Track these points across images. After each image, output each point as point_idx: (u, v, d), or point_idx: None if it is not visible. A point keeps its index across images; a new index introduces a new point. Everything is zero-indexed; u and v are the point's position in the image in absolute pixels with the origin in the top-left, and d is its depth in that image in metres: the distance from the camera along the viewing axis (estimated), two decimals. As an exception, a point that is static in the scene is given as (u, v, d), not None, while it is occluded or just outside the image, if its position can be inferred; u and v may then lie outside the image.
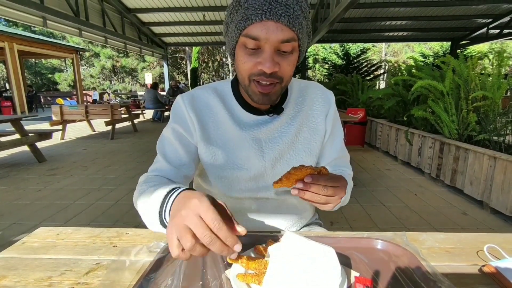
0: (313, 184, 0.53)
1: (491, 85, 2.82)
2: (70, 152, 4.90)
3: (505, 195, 2.31)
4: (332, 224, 2.29)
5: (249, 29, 0.58)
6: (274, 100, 0.67)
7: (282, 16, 0.57)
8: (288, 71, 0.63)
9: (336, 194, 0.56)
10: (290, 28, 0.58)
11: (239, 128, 0.73)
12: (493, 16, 9.02)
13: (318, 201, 0.56)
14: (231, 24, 0.63)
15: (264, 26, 0.57)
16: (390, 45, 26.84)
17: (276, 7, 0.56)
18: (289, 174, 0.54)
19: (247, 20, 0.58)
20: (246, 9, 0.58)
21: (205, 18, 9.31)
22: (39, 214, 2.49)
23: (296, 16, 0.58)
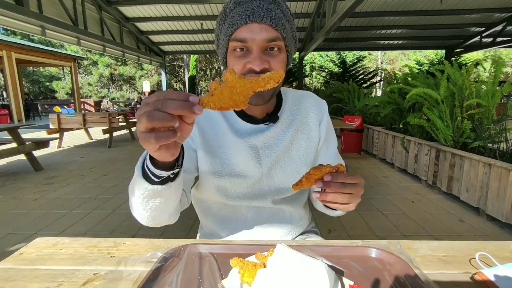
0: (332, 182, 0.54)
1: (485, 93, 2.87)
2: (67, 161, 4.88)
3: (500, 202, 2.32)
4: (330, 232, 2.29)
5: (236, 33, 0.63)
6: (267, 99, 0.68)
7: (265, 17, 0.62)
8: (278, 68, 0.65)
9: (356, 192, 0.57)
10: (273, 27, 0.62)
11: (236, 136, 0.75)
12: (486, 25, 9.20)
13: (341, 201, 0.56)
14: (220, 34, 0.68)
15: (249, 28, 0.62)
16: (386, 53, 27.18)
17: (258, 11, 0.62)
18: (308, 174, 0.55)
19: (234, 26, 0.63)
20: (232, 17, 0.64)
21: (202, 27, 9.41)
22: (35, 223, 2.47)
23: (279, 17, 0.63)
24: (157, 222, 0.66)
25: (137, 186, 0.55)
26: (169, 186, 0.55)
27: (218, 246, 0.63)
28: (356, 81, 12.24)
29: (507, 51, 22.74)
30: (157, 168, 0.51)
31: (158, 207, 0.59)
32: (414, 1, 7.57)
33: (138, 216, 0.64)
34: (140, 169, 0.54)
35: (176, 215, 0.70)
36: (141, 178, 0.53)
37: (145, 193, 0.55)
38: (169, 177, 0.54)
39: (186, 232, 2.31)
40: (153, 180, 0.53)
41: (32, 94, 20.17)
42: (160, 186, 0.53)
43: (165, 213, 0.63)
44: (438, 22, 9.10)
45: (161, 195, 0.56)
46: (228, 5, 0.66)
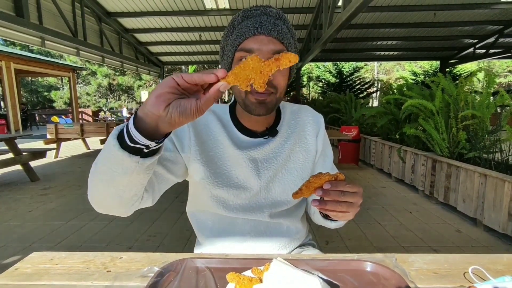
0: (332, 191, 0.55)
1: (479, 104, 2.91)
2: (63, 171, 4.85)
3: (497, 212, 2.33)
4: (327, 243, 2.29)
5: (244, 44, 0.66)
6: (270, 109, 0.70)
7: (272, 31, 0.65)
8: (281, 81, 0.68)
9: (355, 200, 0.57)
10: (280, 41, 0.66)
11: (236, 148, 0.76)
12: (479, 37, 9.40)
13: (340, 209, 0.56)
14: (227, 45, 0.70)
15: (256, 39, 0.65)
16: (382, 64, 27.56)
17: (266, 24, 0.65)
18: (308, 183, 0.56)
19: (242, 37, 0.66)
20: (240, 29, 0.67)
21: (201, 38, 9.54)
22: (30, 236, 2.45)
23: (284, 32, 0.67)
24: (106, 205, 0.60)
25: (105, 147, 0.51)
26: (136, 160, 0.49)
27: (214, 260, 0.63)
28: (353, 91, 12.39)
29: (500, 62, 23.15)
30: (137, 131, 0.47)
31: (114, 182, 0.54)
32: (409, 14, 7.74)
33: (92, 190, 0.59)
34: (119, 129, 0.50)
35: (130, 206, 0.62)
36: (114, 137, 0.49)
37: (109, 155, 0.50)
38: (142, 150, 0.49)
39: (183, 244, 2.29)
40: (126, 144, 0.48)
41: (30, 104, 20.15)
42: (127, 153, 0.48)
43: (118, 194, 0.57)
44: (432, 34, 9.30)
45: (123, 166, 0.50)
46: (237, 18, 0.70)
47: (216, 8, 7.38)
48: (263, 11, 0.69)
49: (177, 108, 0.43)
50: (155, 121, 0.45)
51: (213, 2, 7.04)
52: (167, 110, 0.43)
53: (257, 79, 0.45)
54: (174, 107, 0.43)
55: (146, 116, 0.45)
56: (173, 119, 0.44)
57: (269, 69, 0.45)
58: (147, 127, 0.46)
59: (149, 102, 0.44)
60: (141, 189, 0.60)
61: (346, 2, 4.46)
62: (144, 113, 0.45)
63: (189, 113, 0.43)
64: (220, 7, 7.30)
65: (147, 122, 0.46)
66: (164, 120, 0.44)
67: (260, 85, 0.45)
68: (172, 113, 0.43)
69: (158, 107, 0.43)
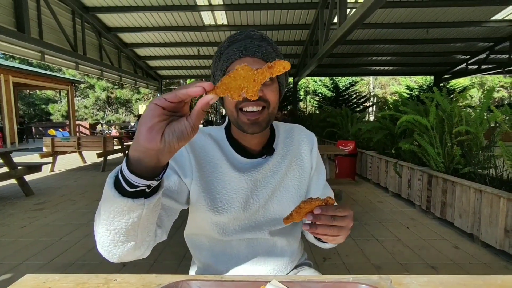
0: (322, 215, 0.55)
1: (473, 120, 2.95)
2: (59, 185, 4.81)
3: (493, 228, 2.33)
4: (324, 260, 2.26)
5: (231, 67, 0.69)
6: (263, 127, 0.71)
7: (256, 52, 0.69)
8: (272, 97, 0.70)
9: (345, 224, 0.58)
10: (265, 60, 0.69)
11: (236, 171, 0.76)
12: (471, 53, 9.64)
13: (331, 233, 0.57)
14: (216, 71, 0.74)
15: (242, 61, 0.68)
16: (377, 78, 27.99)
17: (250, 47, 0.69)
18: (299, 208, 0.56)
19: (228, 60, 0.69)
20: (227, 54, 0.70)
21: (199, 53, 9.68)
22: (22, 252, 2.40)
23: (269, 52, 0.70)
24: (119, 253, 0.55)
25: (105, 198, 0.48)
26: (141, 202, 0.47)
27: (210, 283, 0.62)
28: (349, 105, 12.52)
29: (492, 77, 23.62)
30: (134, 174, 0.45)
31: (123, 230, 0.50)
32: (402, 31, 7.94)
33: (100, 241, 0.55)
34: (113, 177, 0.48)
35: (145, 249, 0.60)
36: (111, 187, 0.46)
37: (112, 206, 0.47)
38: (144, 191, 0.47)
39: (178, 261, 2.25)
40: (125, 190, 0.46)
41: (27, 117, 20.13)
42: (130, 199, 0.46)
43: (131, 241, 0.53)
44: (426, 50, 9.52)
45: (129, 212, 0.48)
46: (223, 44, 0.73)
47: (215, 24, 7.53)
48: (247, 35, 0.72)
49: (173, 135, 0.41)
50: (154, 156, 0.43)
51: (211, 18, 7.20)
52: (163, 140, 0.41)
53: (250, 87, 0.43)
54: (169, 135, 0.41)
55: (143, 154, 0.43)
56: (173, 147, 0.42)
57: (262, 77, 0.43)
58: (147, 165, 0.44)
59: (142, 139, 0.41)
60: (152, 229, 0.58)
61: (341, 19, 4.58)
62: (140, 152, 0.43)
63: (186, 134, 0.42)
64: (218, 23, 7.46)
65: (145, 160, 0.43)
66: (164, 151, 0.42)
67: (254, 94, 0.43)
68: (171, 142, 0.41)
69: (155, 141, 0.41)
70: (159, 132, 0.41)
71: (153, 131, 0.40)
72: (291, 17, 7.26)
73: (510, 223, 2.20)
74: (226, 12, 6.87)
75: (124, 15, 7.00)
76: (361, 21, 3.88)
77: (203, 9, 6.56)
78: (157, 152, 0.42)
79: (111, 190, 0.46)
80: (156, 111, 0.40)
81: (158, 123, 0.40)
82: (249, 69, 0.42)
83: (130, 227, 0.51)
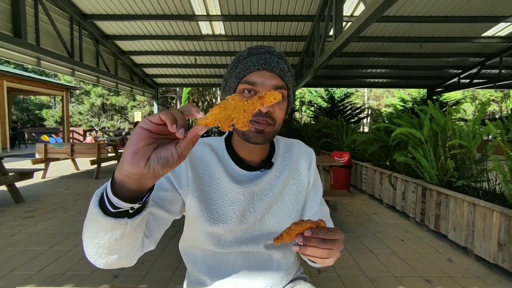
0: (313, 238, 0.56)
1: (466, 134, 2.99)
2: (50, 192, 4.72)
3: (487, 242, 2.34)
4: (319, 273, 2.24)
5: (248, 77, 0.70)
6: (268, 139, 0.72)
7: (275, 68, 0.71)
8: (279, 115, 0.72)
9: (336, 247, 0.58)
10: (281, 77, 0.71)
11: (234, 182, 0.77)
12: (463, 68, 9.86)
13: (320, 255, 0.57)
14: (230, 77, 0.74)
15: (260, 74, 0.70)
16: (372, 90, 28.40)
17: (269, 62, 0.71)
18: (289, 229, 0.56)
19: (247, 70, 0.71)
20: (245, 64, 0.71)
21: (196, 62, 9.73)
22: (11, 262, 2.34)
23: (285, 70, 0.73)
24: (104, 263, 0.56)
25: (89, 215, 0.49)
26: (124, 222, 0.47)
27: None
28: (344, 116, 12.63)
29: (483, 92, 24.14)
30: (116, 197, 0.44)
31: (106, 245, 0.51)
32: (396, 45, 8.11)
33: (86, 250, 0.55)
34: (99, 194, 0.47)
35: (131, 259, 0.60)
36: (96, 204, 0.46)
37: (94, 223, 0.48)
38: (128, 211, 0.47)
39: (171, 272, 2.21)
40: (108, 210, 0.46)
41: (20, 122, 19.90)
42: (113, 219, 0.46)
43: (114, 254, 0.54)
44: (419, 64, 9.72)
45: (112, 230, 0.48)
46: (243, 53, 0.75)
47: (212, 34, 7.61)
48: (267, 50, 0.74)
49: (158, 161, 0.40)
50: (137, 181, 0.42)
51: (209, 28, 7.27)
52: (148, 166, 0.40)
53: (240, 118, 0.43)
54: (154, 161, 0.40)
55: (127, 177, 0.42)
56: (157, 173, 0.41)
57: (253, 107, 0.43)
58: (130, 188, 0.43)
59: (126, 163, 0.40)
60: (138, 242, 0.57)
61: (337, 32, 4.66)
62: (123, 175, 0.42)
63: (172, 162, 0.41)
64: (216, 33, 7.54)
65: (129, 183, 0.43)
66: (147, 176, 0.42)
67: (244, 124, 0.43)
68: (155, 168, 0.41)
69: (138, 166, 0.40)
70: (144, 157, 0.40)
71: (137, 155, 0.40)
72: (287, 29, 7.37)
73: (503, 237, 2.21)
74: (224, 23, 6.95)
75: (122, 23, 7.04)
76: (357, 34, 3.96)
77: (201, 19, 6.63)
78: (140, 176, 0.42)
79: (95, 208, 0.46)
80: (142, 135, 0.40)
81: (144, 147, 0.40)
82: (239, 99, 0.42)
83: (113, 243, 0.51)
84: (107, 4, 6.22)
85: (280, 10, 6.40)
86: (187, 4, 6.17)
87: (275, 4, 6.17)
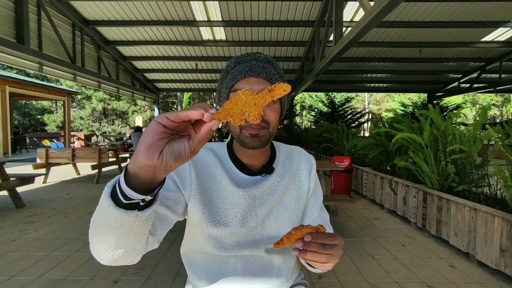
0: (312, 243, 0.57)
1: (467, 139, 2.99)
2: (51, 197, 4.73)
3: (488, 248, 2.33)
4: (320, 278, 2.23)
5: (236, 85, 0.72)
6: (264, 142, 0.73)
7: (261, 73, 0.72)
8: (272, 117, 0.72)
9: (335, 252, 0.59)
10: (268, 81, 0.72)
11: (235, 186, 0.78)
12: (463, 72, 9.88)
13: (320, 260, 0.58)
14: (222, 88, 0.76)
15: (247, 81, 0.71)
16: (372, 95, 28.45)
17: (255, 68, 0.72)
18: (290, 234, 0.57)
19: (234, 79, 0.73)
20: (233, 73, 0.73)
21: (197, 67, 9.79)
22: (11, 267, 2.33)
23: (272, 73, 0.73)
24: (109, 257, 0.57)
25: (101, 206, 0.50)
26: (134, 214, 0.48)
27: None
28: (345, 120, 12.65)
29: (484, 96, 24.15)
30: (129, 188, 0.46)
31: (114, 237, 0.52)
32: (396, 49, 8.15)
33: (93, 245, 0.56)
34: (111, 186, 0.49)
35: (135, 255, 0.61)
36: (108, 196, 0.48)
37: (106, 215, 0.49)
38: (139, 204, 0.48)
39: (171, 278, 2.21)
40: (120, 201, 0.47)
41: (21, 127, 19.96)
42: (124, 210, 0.47)
43: (121, 248, 0.55)
44: (419, 69, 9.75)
45: (122, 222, 0.49)
46: (230, 64, 0.77)
47: (213, 39, 7.66)
48: (252, 57, 0.76)
49: (171, 155, 0.42)
50: (150, 172, 0.44)
51: (210, 34, 7.33)
52: (161, 158, 0.42)
53: (252, 111, 0.44)
54: (167, 154, 0.42)
55: (140, 169, 0.44)
56: (169, 166, 0.43)
57: (263, 100, 0.44)
58: (143, 180, 0.45)
59: (140, 155, 0.42)
60: (144, 238, 0.58)
61: (337, 38, 4.69)
62: (137, 167, 0.44)
63: (184, 156, 0.43)
64: (216, 38, 7.59)
65: (142, 175, 0.44)
66: (160, 168, 0.43)
67: (256, 117, 0.44)
68: (167, 161, 0.42)
69: (152, 158, 0.42)
70: (158, 150, 0.42)
71: (151, 148, 0.41)
72: (288, 34, 7.42)
73: (505, 243, 2.20)
74: (225, 28, 7.01)
75: (124, 28, 7.10)
76: (357, 39, 3.98)
77: (202, 25, 6.69)
78: (153, 168, 0.43)
79: (107, 199, 0.48)
80: (158, 129, 0.41)
81: (158, 140, 0.42)
82: (250, 93, 0.43)
83: (121, 236, 0.52)
84: (109, 10, 6.29)
85: (281, 15, 6.46)
86: (188, 10, 6.23)
87: (276, 10, 6.22)
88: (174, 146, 0.43)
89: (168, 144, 0.43)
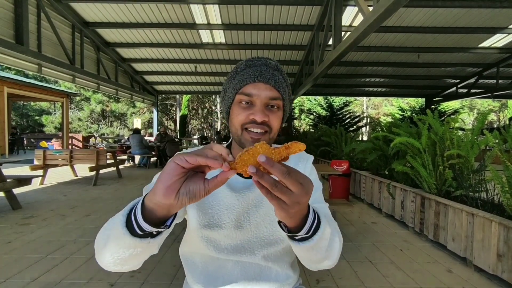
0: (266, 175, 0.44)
1: (465, 144, 3.00)
2: (48, 199, 4.70)
3: (486, 253, 2.33)
4: (318, 282, 2.22)
5: (244, 89, 0.72)
6: None
7: (270, 79, 0.73)
8: (275, 123, 0.73)
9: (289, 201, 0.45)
10: (276, 89, 0.73)
11: (229, 188, 0.79)
12: (461, 78, 9.96)
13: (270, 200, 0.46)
14: (229, 88, 0.77)
15: (256, 86, 0.72)
16: (371, 99, 28.56)
17: (265, 74, 0.73)
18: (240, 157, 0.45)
19: (243, 82, 0.73)
20: (242, 75, 0.74)
21: (196, 70, 9.81)
22: (6, 270, 2.31)
23: (280, 81, 0.75)
24: (118, 269, 0.60)
25: (115, 234, 0.53)
26: (147, 241, 0.52)
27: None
28: (343, 124, 12.69)
29: (481, 101, 24.32)
30: (145, 221, 0.50)
31: (125, 258, 0.56)
32: (395, 54, 8.21)
33: (102, 260, 0.59)
34: (126, 215, 0.52)
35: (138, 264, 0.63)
36: (123, 225, 0.51)
37: (119, 241, 0.52)
38: (152, 233, 0.53)
39: (168, 281, 2.19)
40: (135, 231, 0.51)
41: (19, 128, 19.88)
42: (138, 239, 0.51)
43: (129, 264, 0.59)
44: (417, 73, 9.81)
45: (135, 247, 0.53)
46: (240, 65, 0.78)
47: (213, 42, 7.69)
48: (263, 62, 0.76)
49: (187, 195, 0.46)
50: (166, 209, 0.48)
51: (209, 37, 7.36)
52: (177, 197, 0.45)
53: None
54: (183, 194, 0.46)
55: (157, 206, 0.48)
56: (184, 204, 0.46)
57: (279, 156, 0.45)
58: (158, 215, 0.49)
59: (158, 194, 0.45)
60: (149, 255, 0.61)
61: (336, 42, 4.72)
62: (154, 203, 0.48)
63: (199, 196, 0.46)
64: (216, 41, 7.62)
65: (158, 211, 0.49)
66: (175, 206, 0.47)
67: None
68: (183, 200, 0.46)
69: (169, 198, 0.45)
70: (175, 190, 0.45)
71: (170, 189, 0.45)
72: (287, 38, 7.46)
73: (502, 248, 2.20)
74: (224, 31, 7.04)
75: (124, 31, 7.12)
76: (355, 44, 4.01)
77: (202, 28, 6.72)
78: (169, 206, 0.47)
79: (122, 228, 0.51)
80: (177, 171, 0.44)
81: (176, 181, 0.45)
82: (267, 148, 0.45)
83: (133, 257, 0.56)
84: (109, 13, 6.30)
85: (280, 19, 6.49)
86: (188, 13, 6.25)
87: (275, 14, 6.26)
88: (190, 186, 0.46)
89: (184, 184, 0.46)
